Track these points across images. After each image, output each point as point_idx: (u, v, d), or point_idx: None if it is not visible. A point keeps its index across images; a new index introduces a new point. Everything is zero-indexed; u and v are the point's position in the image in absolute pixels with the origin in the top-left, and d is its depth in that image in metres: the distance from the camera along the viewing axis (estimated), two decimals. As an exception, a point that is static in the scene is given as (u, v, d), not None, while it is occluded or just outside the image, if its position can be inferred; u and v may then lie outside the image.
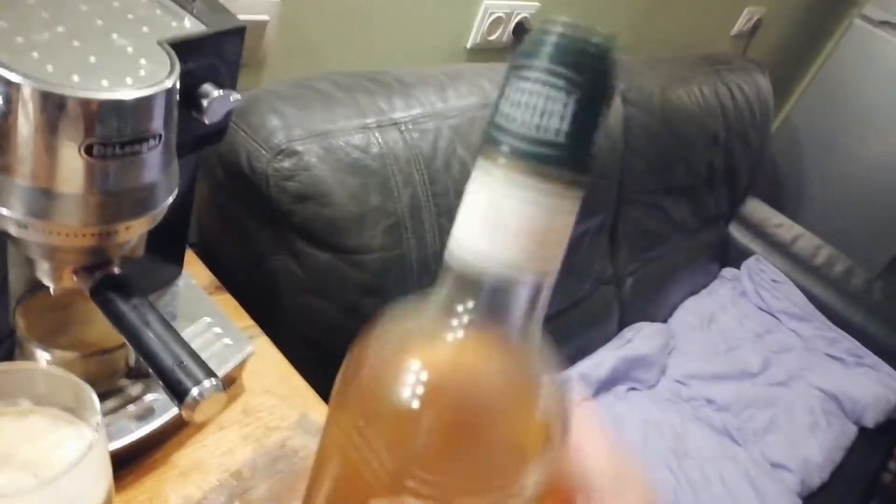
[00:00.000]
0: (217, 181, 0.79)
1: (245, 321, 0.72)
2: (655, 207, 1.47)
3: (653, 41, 1.60)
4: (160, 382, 0.44)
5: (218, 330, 0.66)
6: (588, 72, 0.21)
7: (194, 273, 0.72)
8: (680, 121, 1.43)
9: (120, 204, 0.45)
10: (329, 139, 0.77)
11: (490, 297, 0.23)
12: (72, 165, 0.42)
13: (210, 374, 0.44)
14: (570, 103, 0.21)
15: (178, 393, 0.43)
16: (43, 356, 0.54)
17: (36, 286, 0.55)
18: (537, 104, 0.21)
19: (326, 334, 0.80)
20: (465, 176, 0.98)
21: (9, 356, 0.58)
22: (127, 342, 0.46)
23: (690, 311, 1.61)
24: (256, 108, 0.76)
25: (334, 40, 1.02)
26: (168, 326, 0.46)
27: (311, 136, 0.76)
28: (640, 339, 1.43)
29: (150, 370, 0.45)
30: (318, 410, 0.67)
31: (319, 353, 0.72)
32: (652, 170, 1.41)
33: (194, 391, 0.43)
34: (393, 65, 1.02)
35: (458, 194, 0.97)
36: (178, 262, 0.70)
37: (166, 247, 0.66)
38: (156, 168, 0.46)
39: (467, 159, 0.93)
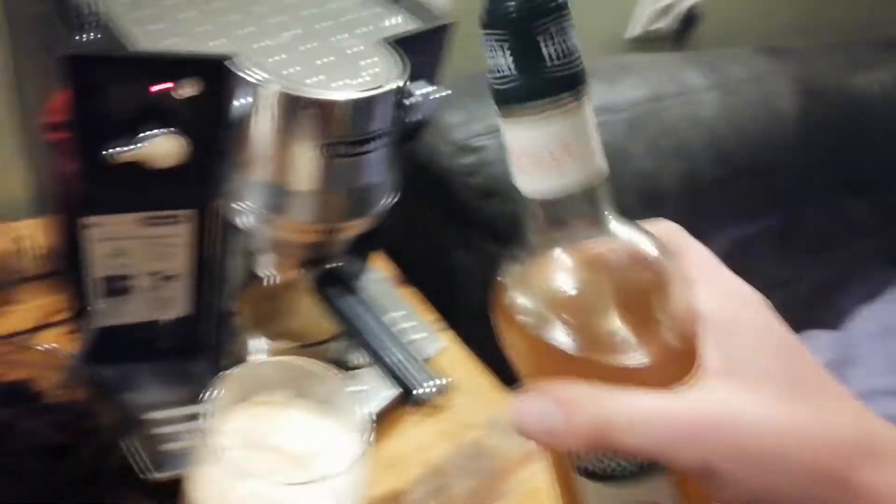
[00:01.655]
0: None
1: (431, 315, 0.73)
2: (832, 206, 1.36)
3: (829, 25, 1.48)
4: (389, 375, 0.45)
5: (411, 323, 0.66)
6: (506, 24, 0.25)
7: (378, 268, 0.74)
8: (861, 112, 1.32)
9: (349, 202, 0.46)
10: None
11: (574, 210, 0.27)
12: (309, 164, 0.43)
13: (430, 375, 0.45)
14: (506, 51, 0.25)
15: (406, 389, 0.44)
16: (260, 345, 0.56)
17: (251, 276, 0.58)
18: (494, 63, 0.26)
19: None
20: (641, 173, 0.95)
21: (219, 343, 0.61)
22: (351, 336, 0.47)
23: (870, 319, 1.47)
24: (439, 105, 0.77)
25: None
26: (387, 326, 0.47)
27: (492, 131, 0.76)
28: (813, 348, 1.32)
29: (376, 364, 0.45)
30: (507, 408, 0.66)
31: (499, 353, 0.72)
32: (829, 166, 1.30)
33: (421, 390, 0.43)
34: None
35: (636, 192, 0.94)
36: (366, 256, 0.72)
37: (362, 242, 0.67)
38: (382, 166, 0.47)
39: (642, 155, 0.89)
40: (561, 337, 0.27)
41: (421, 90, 0.50)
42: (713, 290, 0.29)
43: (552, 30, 0.25)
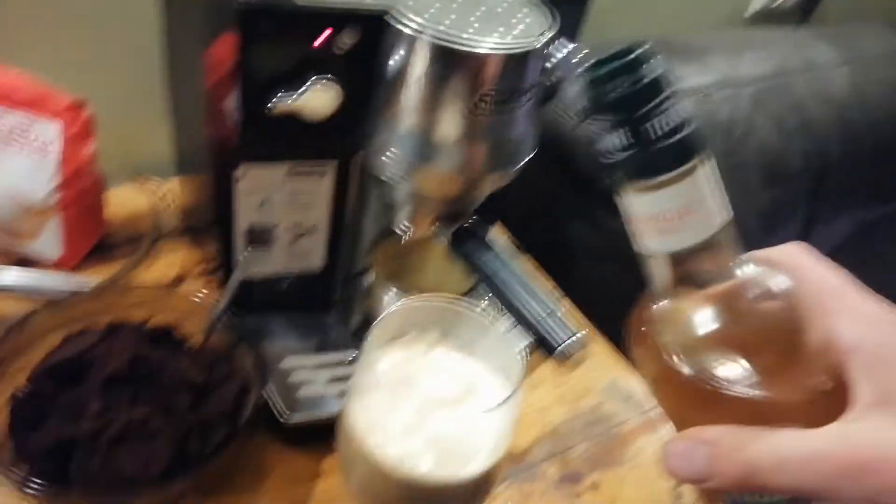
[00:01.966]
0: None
1: (548, 284, 0.73)
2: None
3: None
4: (528, 330, 0.45)
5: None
6: (614, 110, 0.26)
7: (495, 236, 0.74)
8: None
9: (493, 156, 0.47)
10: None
11: (701, 257, 0.29)
12: (458, 116, 0.44)
13: (572, 331, 0.45)
14: (617, 134, 0.27)
15: (547, 344, 0.44)
16: (392, 300, 0.58)
17: (386, 232, 0.59)
18: (605, 143, 0.27)
19: (622, 305, 0.78)
20: (766, 149, 0.92)
21: (352, 297, 0.63)
22: (490, 290, 0.48)
23: None
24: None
25: (609, 4, 1.00)
26: (527, 281, 0.47)
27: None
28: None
29: (516, 320, 0.46)
30: (625, 377, 0.66)
31: (614, 323, 0.71)
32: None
33: (564, 345, 0.44)
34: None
35: (759, 168, 0.91)
36: (492, 222, 0.73)
37: (486, 208, 0.68)
38: (526, 121, 0.47)
39: (769, 130, 0.86)
40: (705, 375, 0.28)
41: (562, 48, 0.50)
42: (854, 318, 0.29)
43: (660, 108, 0.26)
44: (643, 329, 0.31)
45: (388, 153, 0.46)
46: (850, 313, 0.29)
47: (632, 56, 0.26)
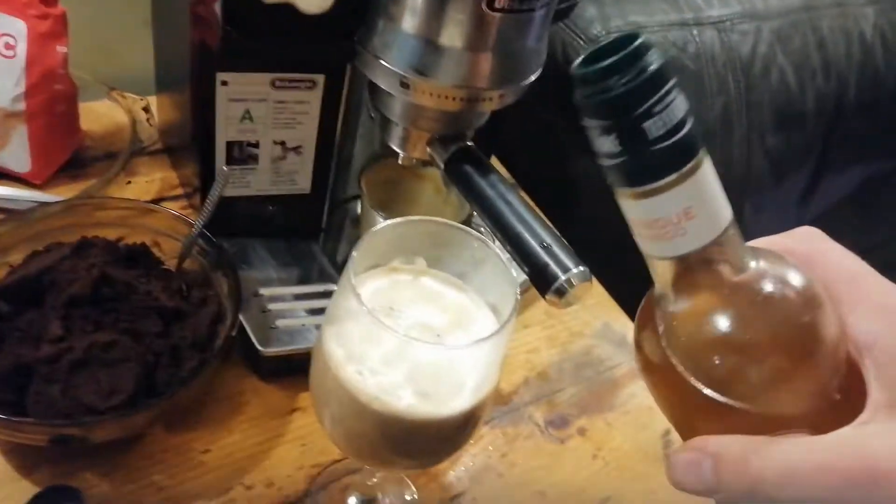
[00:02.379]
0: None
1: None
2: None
3: None
4: (523, 266, 0.42)
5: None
6: (607, 113, 0.24)
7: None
8: None
9: (498, 67, 0.42)
10: (647, 33, 0.70)
11: (705, 259, 0.27)
12: (466, 17, 0.39)
13: (578, 261, 0.41)
14: (613, 138, 0.24)
15: (544, 278, 0.41)
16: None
17: (375, 158, 0.55)
18: (601, 147, 0.25)
19: (624, 243, 0.75)
20: (783, 87, 0.87)
21: (338, 225, 0.60)
22: (485, 220, 0.44)
23: None
24: None
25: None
26: (529, 207, 0.43)
27: (630, 28, 0.70)
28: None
29: (510, 252, 0.42)
30: (619, 320, 0.63)
31: (617, 262, 0.68)
32: None
33: (562, 278, 0.40)
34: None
35: (774, 109, 0.86)
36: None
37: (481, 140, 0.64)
38: (536, 33, 0.42)
39: (787, 68, 0.81)
40: (710, 381, 0.27)
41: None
42: (871, 310, 0.27)
43: (656, 109, 0.24)
44: (646, 332, 0.30)
45: (383, 60, 0.42)
46: (867, 304, 0.27)
47: (625, 51, 0.23)
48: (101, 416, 0.41)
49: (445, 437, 0.36)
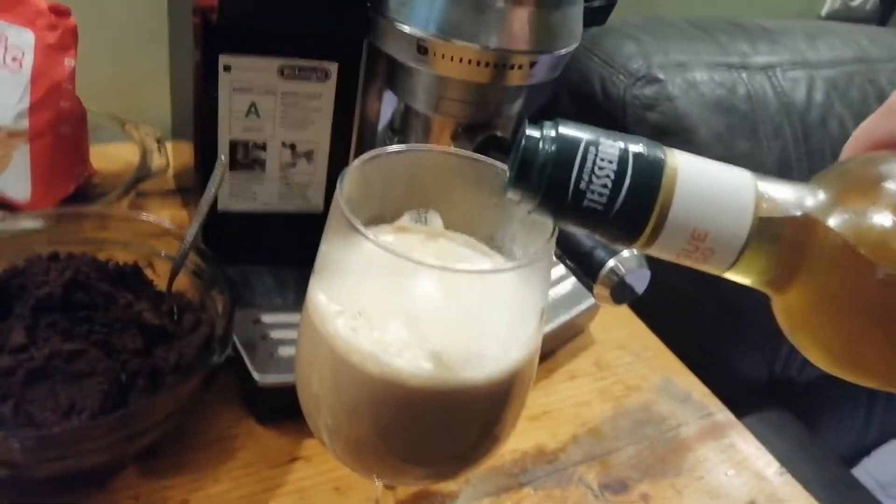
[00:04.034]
0: (564, 113, 0.71)
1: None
2: None
3: None
4: (564, 257, 0.35)
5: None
6: (555, 208, 0.23)
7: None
8: None
9: (533, 27, 0.37)
10: (692, 71, 0.66)
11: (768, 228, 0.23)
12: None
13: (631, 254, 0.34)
14: (576, 225, 0.23)
15: (591, 265, 0.33)
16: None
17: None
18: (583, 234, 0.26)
19: (673, 302, 0.67)
20: (844, 137, 0.81)
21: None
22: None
23: None
24: (611, 37, 0.67)
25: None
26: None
27: (673, 65, 0.66)
28: None
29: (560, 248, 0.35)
30: (682, 376, 0.54)
31: (670, 319, 0.60)
32: None
33: (611, 263, 0.33)
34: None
35: (836, 156, 0.80)
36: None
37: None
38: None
39: (847, 118, 0.75)
40: None
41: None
42: None
43: (581, 185, 0.22)
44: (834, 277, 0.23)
45: (401, 19, 0.37)
46: None
47: (521, 146, 0.22)
48: (54, 438, 0.33)
49: (464, 422, 0.27)
